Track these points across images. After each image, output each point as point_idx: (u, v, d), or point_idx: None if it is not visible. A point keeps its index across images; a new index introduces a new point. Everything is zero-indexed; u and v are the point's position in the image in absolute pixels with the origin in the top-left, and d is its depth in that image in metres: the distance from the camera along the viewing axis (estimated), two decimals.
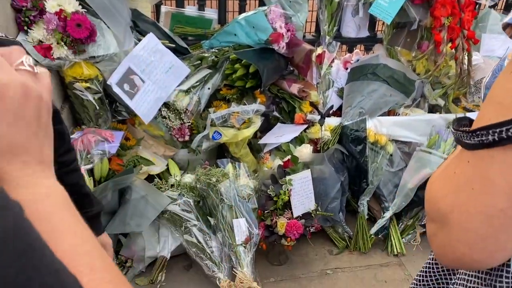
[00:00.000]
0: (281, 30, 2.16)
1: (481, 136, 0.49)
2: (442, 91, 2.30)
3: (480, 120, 0.50)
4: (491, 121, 0.48)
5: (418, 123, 2.22)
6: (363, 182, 2.15)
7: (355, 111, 2.23)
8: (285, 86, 2.33)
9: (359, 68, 2.40)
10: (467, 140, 0.51)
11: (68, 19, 1.77)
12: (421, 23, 2.23)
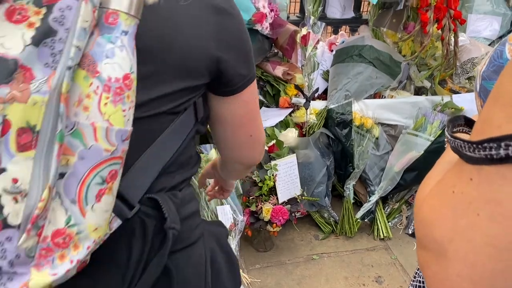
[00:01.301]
0: (264, 10, 2.09)
1: (490, 149, 0.39)
2: (428, 73, 2.27)
3: (487, 126, 0.40)
4: (502, 130, 0.38)
5: (404, 105, 2.19)
6: (349, 166, 2.12)
7: (340, 94, 2.19)
8: (269, 68, 2.27)
9: (345, 50, 2.35)
10: (470, 152, 0.41)
11: None
12: (407, 3, 2.18)
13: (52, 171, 0.45)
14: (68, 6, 0.43)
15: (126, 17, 0.48)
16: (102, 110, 0.47)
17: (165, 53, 0.55)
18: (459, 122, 0.48)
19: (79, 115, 0.46)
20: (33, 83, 0.43)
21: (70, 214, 0.48)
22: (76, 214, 0.48)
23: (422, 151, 2.01)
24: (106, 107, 0.47)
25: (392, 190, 2.13)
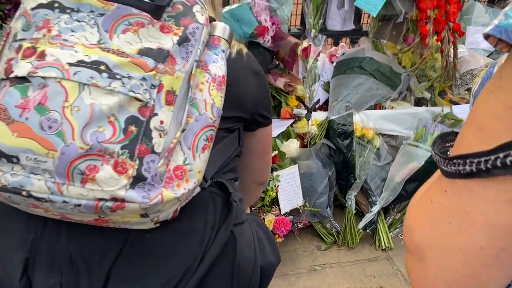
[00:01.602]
0: (266, 24, 2.12)
1: (458, 165, 0.44)
2: (428, 84, 2.30)
3: (460, 145, 0.45)
4: (470, 148, 0.43)
5: (405, 116, 2.21)
6: (350, 177, 2.14)
7: (341, 105, 2.21)
8: (271, 80, 2.30)
9: (345, 62, 2.37)
10: (445, 167, 0.45)
11: None
12: (407, 16, 2.21)
13: (183, 121, 0.69)
14: (197, 27, 0.71)
15: (224, 42, 0.77)
16: (210, 93, 0.73)
17: (229, 89, 0.77)
18: (450, 137, 0.51)
19: (196, 94, 0.72)
20: (176, 66, 0.68)
21: (186, 156, 0.70)
22: (190, 157, 0.71)
23: (423, 162, 2.03)
24: (213, 91, 0.73)
25: (393, 201, 2.14)
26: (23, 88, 0.64)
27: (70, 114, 0.62)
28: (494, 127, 0.42)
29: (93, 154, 0.63)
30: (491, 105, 0.42)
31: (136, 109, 0.64)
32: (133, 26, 0.68)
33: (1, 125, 0.63)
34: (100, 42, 0.67)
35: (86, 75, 0.63)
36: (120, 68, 0.64)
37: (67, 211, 0.67)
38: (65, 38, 0.67)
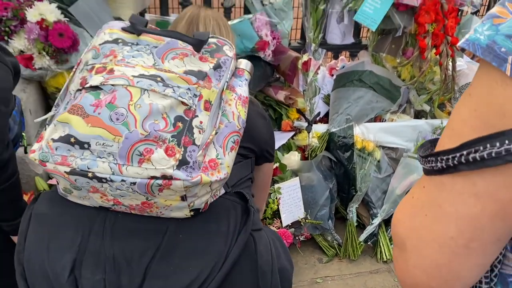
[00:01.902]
0: (266, 38, 2.15)
1: (431, 162, 0.50)
2: (427, 97, 2.32)
3: (438, 145, 0.51)
4: (443, 147, 0.49)
5: (405, 129, 2.23)
6: (351, 189, 2.15)
7: (342, 117, 2.24)
8: (272, 93, 2.33)
9: (345, 75, 2.40)
10: (422, 165, 0.52)
11: (50, 28, 1.74)
12: (405, 30, 2.25)
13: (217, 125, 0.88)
14: (227, 59, 0.93)
15: (247, 73, 1.00)
16: (237, 107, 0.94)
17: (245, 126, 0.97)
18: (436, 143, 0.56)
19: (226, 107, 0.92)
20: (212, 84, 0.89)
21: (218, 152, 0.88)
22: (221, 153, 0.89)
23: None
24: (239, 106, 0.94)
25: None
26: (96, 93, 0.83)
27: (134, 109, 0.81)
28: (461, 128, 0.48)
29: (150, 140, 0.81)
30: (461, 109, 0.49)
31: (182, 110, 0.84)
32: (180, 55, 0.91)
33: (78, 119, 0.81)
34: (155, 64, 0.89)
35: (146, 83, 0.83)
36: (171, 81, 0.85)
37: (122, 191, 0.83)
38: (128, 61, 0.88)
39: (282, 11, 2.24)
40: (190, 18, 1.24)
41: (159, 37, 0.94)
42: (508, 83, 0.44)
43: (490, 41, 0.46)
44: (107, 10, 1.91)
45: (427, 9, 2.13)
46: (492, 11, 0.49)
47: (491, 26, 0.47)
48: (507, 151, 0.44)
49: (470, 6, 2.18)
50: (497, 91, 0.45)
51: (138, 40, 0.93)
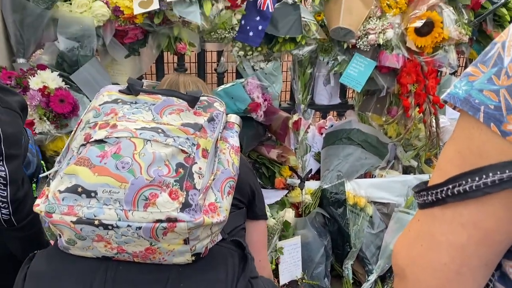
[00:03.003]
0: (258, 100, 2.26)
1: (423, 196, 0.58)
2: (414, 153, 2.41)
3: (430, 182, 0.59)
4: (433, 183, 0.58)
5: (394, 184, 2.29)
6: (346, 245, 2.16)
7: (333, 174, 2.30)
8: (264, 151, 2.39)
9: (334, 133, 2.50)
10: (416, 199, 0.60)
11: (52, 95, 1.81)
12: (389, 90, 2.37)
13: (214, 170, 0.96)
14: (219, 113, 1.02)
15: (237, 126, 1.10)
16: (231, 155, 1.02)
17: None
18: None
19: (221, 156, 1.00)
20: (207, 134, 0.96)
21: (216, 196, 0.94)
22: (219, 197, 0.94)
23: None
24: (232, 155, 1.02)
25: (389, 268, 2.15)
26: (101, 146, 0.90)
27: (139, 157, 0.88)
28: (447, 166, 0.57)
29: (155, 185, 0.86)
30: (447, 151, 0.59)
31: (182, 158, 0.90)
32: (176, 111, 1.00)
33: (85, 169, 0.87)
34: (154, 119, 0.97)
35: (149, 134, 0.91)
36: (171, 132, 0.93)
37: (127, 237, 0.87)
38: (129, 117, 0.96)
39: (272, 75, 2.37)
40: (170, 84, 1.36)
41: (156, 96, 1.03)
42: (482, 128, 0.53)
43: (466, 95, 0.55)
44: (106, 77, 2.00)
45: (408, 71, 2.27)
46: (467, 70, 0.59)
47: (467, 83, 0.56)
48: (485, 184, 0.52)
49: (448, 67, 2.33)
50: (474, 135, 0.54)
51: (136, 99, 1.01)
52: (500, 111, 0.52)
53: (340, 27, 2.12)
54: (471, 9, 2.25)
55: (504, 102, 0.52)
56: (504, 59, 0.54)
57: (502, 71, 0.54)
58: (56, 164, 0.98)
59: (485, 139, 0.53)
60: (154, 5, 1.89)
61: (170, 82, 1.35)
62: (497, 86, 0.53)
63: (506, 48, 0.54)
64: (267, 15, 2.10)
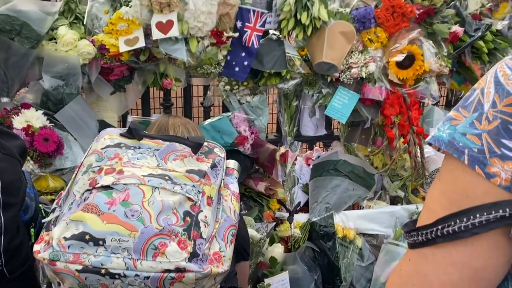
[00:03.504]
0: (245, 133, 2.26)
1: (414, 236, 0.60)
2: (400, 183, 2.43)
3: (419, 222, 0.61)
4: (422, 223, 0.59)
5: (382, 215, 2.29)
6: (336, 279, 2.14)
7: (321, 206, 2.29)
8: (252, 184, 2.38)
9: (321, 165, 2.50)
10: (407, 239, 0.62)
11: (36, 134, 1.79)
12: (373, 121, 2.41)
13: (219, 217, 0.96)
14: (220, 159, 1.04)
15: (236, 172, 1.12)
16: (232, 202, 1.02)
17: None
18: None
19: (223, 203, 1.00)
20: (211, 181, 0.97)
21: (220, 245, 0.94)
22: (223, 246, 0.95)
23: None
24: (233, 201, 1.02)
25: None
26: (108, 192, 0.89)
27: (148, 205, 0.87)
28: (435, 206, 0.59)
29: (164, 234, 0.86)
30: (434, 192, 0.61)
31: (189, 206, 0.91)
32: (180, 157, 1.01)
33: (93, 216, 0.85)
34: (159, 165, 0.98)
35: (157, 182, 0.91)
36: (178, 179, 0.93)
37: (134, 286, 0.86)
38: (134, 163, 0.96)
39: (258, 108, 2.39)
40: (160, 127, 1.36)
41: (159, 141, 1.04)
42: (467, 170, 0.56)
43: (450, 138, 0.58)
44: (91, 114, 1.99)
45: (391, 102, 2.31)
46: (450, 115, 0.62)
47: (450, 126, 0.59)
48: (473, 224, 0.54)
49: (430, 98, 2.38)
50: (460, 177, 0.57)
51: (139, 144, 1.03)
52: (483, 154, 0.55)
53: (323, 62, 2.16)
54: (450, 42, 2.32)
55: (486, 145, 0.55)
56: (484, 105, 0.57)
57: (483, 116, 0.56)
58: (56, 209, 0.96)
59: (471, 181, 0.56)
60: (140, 43, 1.91)
61: (159, 125, 1.36)
62: (479, 130, 0.56)
63: (485, 94, 0.57)
64: (253, 51, 2.13)
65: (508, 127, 0.53)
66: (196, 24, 1.92)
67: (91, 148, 1.03)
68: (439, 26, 2.26)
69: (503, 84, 0.55)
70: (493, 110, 0.55)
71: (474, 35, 2.29)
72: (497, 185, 0.54)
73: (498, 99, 0.55)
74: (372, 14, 2.19)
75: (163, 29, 1.88)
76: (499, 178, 0.53)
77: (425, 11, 2.25)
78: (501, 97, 0.55)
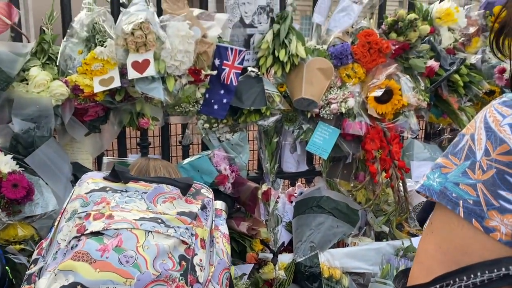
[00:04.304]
0: (225, 172, 2.21)
1: None
2: (385, 219, 2.39)
3: (410, 277, 0.58)
4: (415, 280, 0.56)
5: (368, 252, 2.24)
6: None
7: (306, 245, 2.22)
8: (234, 225, 2.30)
9: (304, 202, 2.45)
10: None
11: (4, 180, 1.70)
12: (354, 156, 2.39)
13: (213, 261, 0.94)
14: (209, 200, 1.02)
15: (224, 213, 1.11)
16: (224, 245, 1.01)
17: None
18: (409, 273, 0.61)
19: (215, 245, 0.98)
20: (202, 223, 0.94)
21: None
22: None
23: None
24: (225, 243, 1.01)
25: None
26: (99, 239, 0.84)
27: (143, 250, 0.84)
28: (429, 262, 0.55)
29: (161, 280, 0.84)
30: (427, 245, 0.57)
31: (183, 249, 0.90)
32: (169, 199, 0.98)
33: (85, 265, 0.80)
34: (148, 208, 0.94)
35: (150, 225, 0.88)
36: (171, 222, 0.91)
37: None
38: (123, 207, 0.91)
39: (238, 145, 2.34)
40: (140, 169, 1.31)
41: (146, 184, 1.01)
42: (463, 224, 0.52)
43: (442, 187, 0.55)
44: (64, 157, 1.91)
45: (372, 137, 2.30)
46: (439, 162, 0.58)
47: (440, 174, 0.56)
48: (474, 284, 0.50)
49: (409, 132, 2.39)
50: (456, 231, 0.53)
51: (126, 187, 0.99)
52: (480, 206, 0.51)
53: (302, 98, 2.15)
54: (426, 76, 2.35)
55: (483, 197, 0.51)
56: (476, 153, 0.53)
57: (476, 164, 0.53)
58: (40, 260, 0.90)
59: (468, 235, 0.52)
60: (115, 83, 1.86)
61: (139, 168, 1.31)
62: (473, 180, 0.52)
63: (476, 141, 0.54)
64: (231, 89, 2.10)
65: (504, 177, 0.50)
66: (173, 63, 1.90)
67: (73, 193, 0.98)
68: (415, 61, 2.29)
69: (495, 131, 0.52)
70: (487, 158, 0.52)
71: (450, 69, 2.33)
72: (498, 240, 0.50)
73: (491, 147, 0.52)
74: (349, 50, 2.21)
75: (139, 69, 1.84)
76: (499, 233, 0.50)
77: (401, 46, 2.28)
78: (494, 144, 0.52)
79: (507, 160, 0.50)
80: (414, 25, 2.26)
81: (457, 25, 2.41)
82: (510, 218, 0.49)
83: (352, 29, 2.34)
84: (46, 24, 1.99)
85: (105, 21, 1.95)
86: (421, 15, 2.37)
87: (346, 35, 2.32)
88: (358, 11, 2.31)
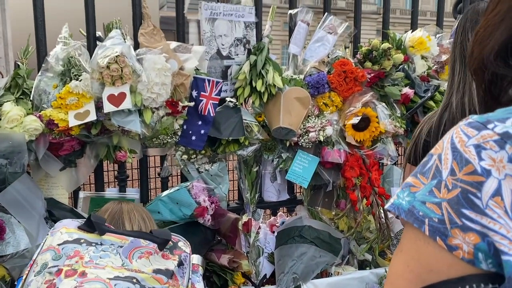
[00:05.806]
0: (205, 204, 2.18)
1: None
2: (367, 247, 2.37)
3: None
4: None
5: (351, 281, 2.21)
6: None
7: (288, 277, 2.18)
8: (215, 258, 2.26)
9: (286, 231, 2.42)
10: None
11: None
12: (335, 184, 2.39)
13: None
14: (186, 255, 0.98)
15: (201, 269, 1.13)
16: None
17: None
18: None
19: None
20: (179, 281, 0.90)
21: None
22: None
23: None
24: None
25: None
26: None
27: None
28: (399, 282, 0.56)
29: None
30: (396, 264, 0.58)
31: None
32: (145, 254, 0.95)
33: None
34: (124, 265, 0.91)
35: (124, 286, 0.84)
36: (146, 282, 0.88)
37: None
38: (97, 262, 0.87)
39: (218, 176, 2.32)
40: (113, 214, 1.24)
41: (122, 236, 0.98)
42: (429, 242, 0.53)
43: (410, 206, 0.55)
44: (38, 194, 1.86)
45: (351, 164, 2.31)
46: (409, 181, 0.59)
47: (409, 193, 0.57)
48: None
49: (388, 158, 2.41)
50: (422, 249, 0.54)
51: (101, 240, 0.95)
52: (444, 224, 0.52)
53: (281, 127, 2.16)
54: (402, 104, 2.39)
55: (447, 215, 0.52)
56: (442, 172, 0.55)
57: (441, 183, 0.54)
58: None
59: (433, 253, 0.53)
60: (91, 117, 1.84)
61: (112, 213, 1.25)
62: (438, 199, 0.54)
63: (443, 161, 0.56)
64: (209, 119, 2.10)
65: (468, 196, 0.51)
66: (150, 95, 1.89)
67: (45, 242, 0.94)
68: (390, 89, 2.33)
69: (461, 151, 0.54)
70: (452, 178, 0.54)
71: (424, 95, 2.38)
72: (460, 258, 0.51)
73: (457, 167, 0.54)
74: (325, 79, 2.24)
75: (115, 102, 1.82)
76: (461, 251, 0.51)
77: (376, 75, 2.33)
78: (459, 165, 0.54)
79: (471, 180, 0.52)
80: (388, 54, 2.31)
81: (430, 53, 2.48)
82: (471, 237, 0.50)
83: (328, 58, 2.38)
84: (21, 59, 1.98)
85: (81, 55, 1.95)
86: (394, 44, 2.43)
87: (322, 64, 2.36)
88: (333, 42, 2.36)
